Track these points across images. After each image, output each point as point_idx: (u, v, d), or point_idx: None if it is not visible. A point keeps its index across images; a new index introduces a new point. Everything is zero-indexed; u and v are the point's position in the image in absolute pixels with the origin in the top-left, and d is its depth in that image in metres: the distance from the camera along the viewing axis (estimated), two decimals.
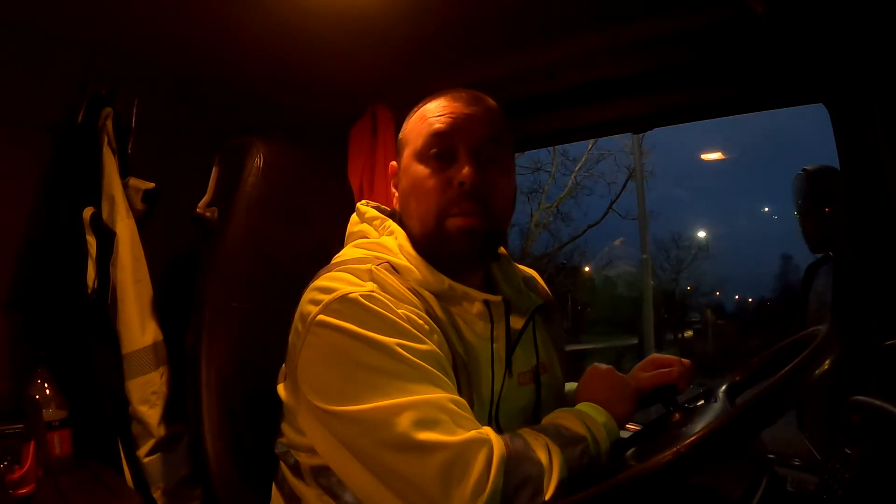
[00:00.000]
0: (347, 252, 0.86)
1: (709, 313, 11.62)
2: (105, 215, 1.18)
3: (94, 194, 1.19)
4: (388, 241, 0.84)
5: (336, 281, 0.74)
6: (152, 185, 1.24)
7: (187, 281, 1.04)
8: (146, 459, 1.15)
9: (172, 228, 1.25)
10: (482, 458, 0.63)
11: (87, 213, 1.17)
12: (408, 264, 0.81)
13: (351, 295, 0.71)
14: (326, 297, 0.72)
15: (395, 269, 0.80)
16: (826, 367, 0.61)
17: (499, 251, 0.94)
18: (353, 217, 0.91)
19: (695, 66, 1.25)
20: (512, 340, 0.86)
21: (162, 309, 1.22)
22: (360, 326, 0.69)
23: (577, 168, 10.38)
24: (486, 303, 0.83)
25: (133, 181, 1.23)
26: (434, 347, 0.72)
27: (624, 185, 10.27)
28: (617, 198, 10.34)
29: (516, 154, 0.96)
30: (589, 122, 1.51)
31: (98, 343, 1.16)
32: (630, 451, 0.76)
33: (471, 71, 1.41)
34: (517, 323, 0.87)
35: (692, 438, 0.56)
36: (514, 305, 0.88)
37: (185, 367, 0.99)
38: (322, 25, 1.21)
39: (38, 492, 0.99)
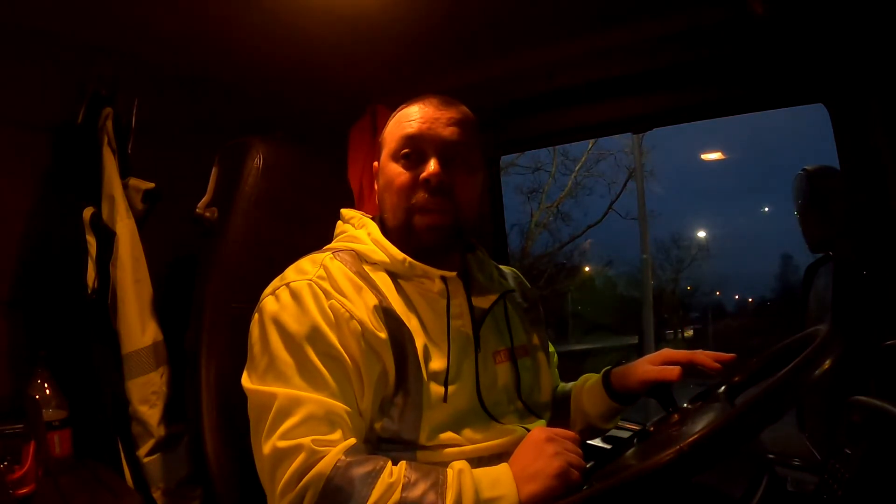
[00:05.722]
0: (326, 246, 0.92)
1: (709, 313, 11.62)
2: (105, 215, 1.18)
3: (94, 194, 1.18)
4: (360, 232, 0.91)
5: (292, 270, 0.84)
6: (152, 185, 1.24)
7: (187, 281, 1.04)
8: (146, 459, 1.15)
9: (172, 228, 1.25)
10: (294, 468, 0.70)
11: (87, 213, 1.17)
12: (373, 247, 0.87)
13: (293, 284, 0.80)
14: (277, 284, 0.83)
15: (359, 255, 0.87)
16: (826, 367, 0.61)
17: (473, 244, 0.99)
18: (339, 221, 0.98)
19: (695, 66, 1.25)
20: (477, 318, 0.91)
21: (162, 309, 1.22)
22: (282, 314, 0.78)
23: (577, 168, 10.34)
24: (444, 280, 0.88)
25: (133, 181, 1.23)
26: (341, 351, 0.77)
27: (624, 185, 10.23)
28: (617, 198, 10.30)
29: (516, 154, 0.98)
30: (589, 122, 1.52)
31: (98, 343, 1.17)
32: (630, 451, 0.76)
33: (471, 71, 1.41)
34: (483, 302, 0.93)
35: (693, 438, 0.57)
36: (481, 287, 0.95)
37: (185, 367, 0.99)
38: (322, 25, 1.21)
39: (38, 492, 0.99)
